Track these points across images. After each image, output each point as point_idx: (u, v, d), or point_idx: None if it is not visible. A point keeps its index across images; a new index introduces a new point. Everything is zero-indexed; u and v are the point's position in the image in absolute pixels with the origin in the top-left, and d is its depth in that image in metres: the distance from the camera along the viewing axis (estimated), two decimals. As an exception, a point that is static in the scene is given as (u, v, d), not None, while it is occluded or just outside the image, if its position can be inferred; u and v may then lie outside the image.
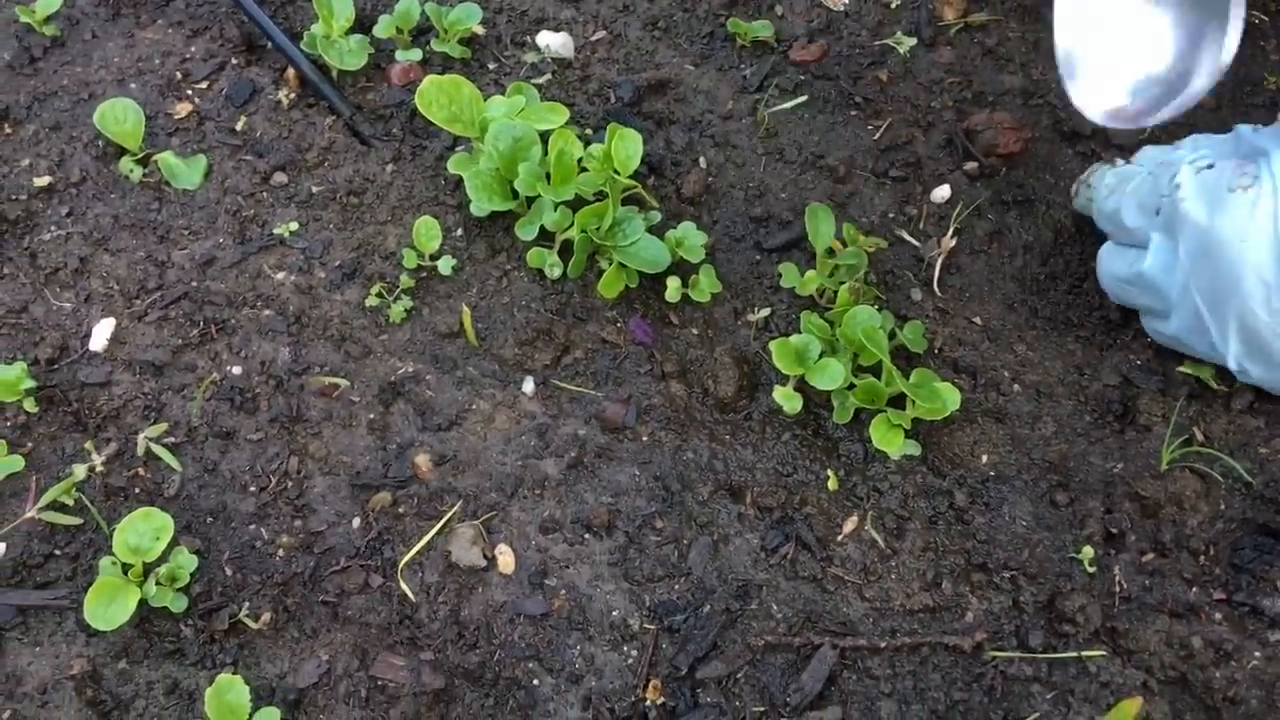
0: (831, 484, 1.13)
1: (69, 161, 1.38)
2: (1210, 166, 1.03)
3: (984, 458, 1.14)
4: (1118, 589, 1.05)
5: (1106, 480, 1.12)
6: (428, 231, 1.26)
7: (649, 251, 1.24)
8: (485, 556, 1.09)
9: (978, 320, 1.25)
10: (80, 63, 1.49)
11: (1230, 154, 1.05)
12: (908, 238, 1.31)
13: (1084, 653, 1.02)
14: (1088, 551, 1.07)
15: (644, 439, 1.17)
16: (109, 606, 1.02)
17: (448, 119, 1.31)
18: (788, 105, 1.44)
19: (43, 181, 1.36)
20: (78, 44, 1.52)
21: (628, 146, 1.29)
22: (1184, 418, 1.16)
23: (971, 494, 1.12)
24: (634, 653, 1.05)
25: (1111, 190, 1.17)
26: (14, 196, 1.34)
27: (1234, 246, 0.99)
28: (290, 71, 1.46)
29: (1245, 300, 0.99)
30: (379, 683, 1.03)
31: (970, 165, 1.37)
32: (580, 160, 1.29)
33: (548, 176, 1.26)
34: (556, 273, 1.26)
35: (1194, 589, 1.05)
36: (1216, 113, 1.45)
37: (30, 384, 1.17)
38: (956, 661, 1.03)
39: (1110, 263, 1.18)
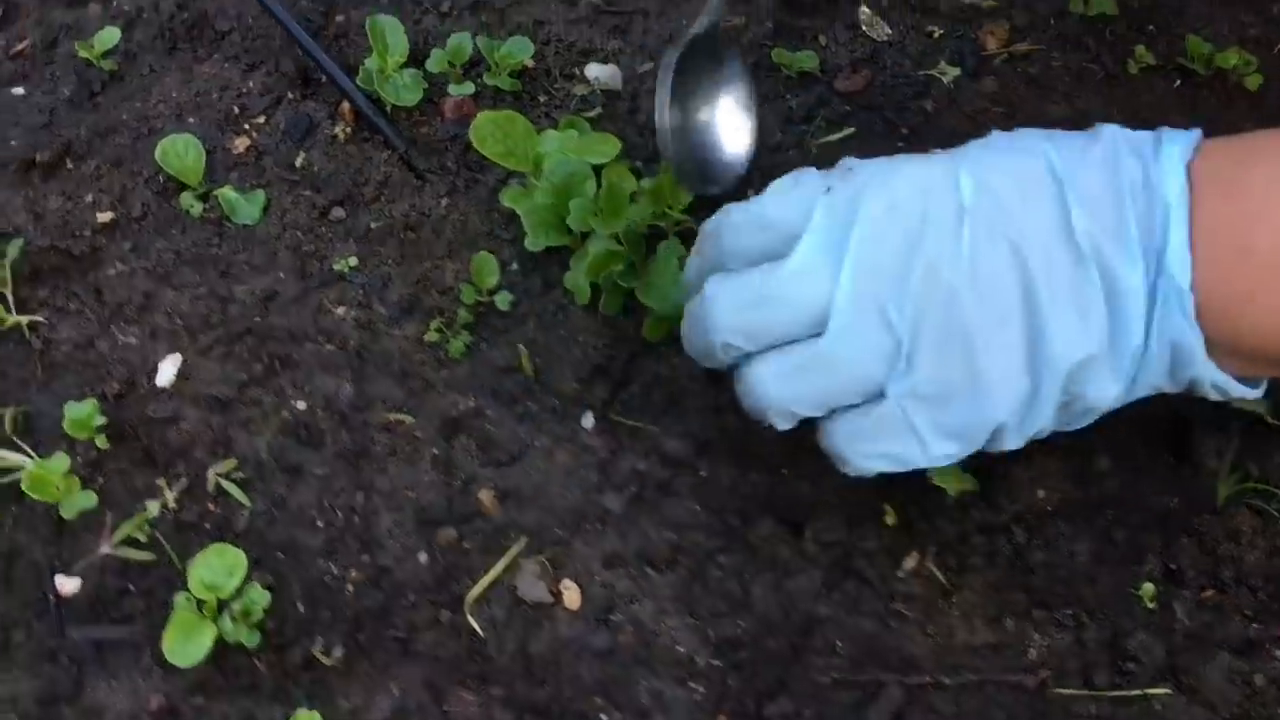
0: (890, 519, 1.15)
1: (130, 197, 1.41)
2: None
3: (1041, 493, 1.15)
4: (1179, 626, 1.07)
5: (1163, 516, 1.13)
6: (486, 268, 1.28)
7: (674, 293, 1.22)
8: (551, 592, 1.11)
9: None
10: (139, 97, 1.52)
11: None
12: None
13: (1149, 690, 1.03)
14: (1148, 588, 1.08)
15: (702, 473, 1.18)
16: (186, 643, 1.05)
17: (502, 154, 1.33)
18: (834, 137, 1.45)
19: (105, 218, 1.38)
20: (135, 79, 1.54)
21: (682, 181, 1.31)
22: (1238, 454, 1.16)
23: (1030, 530, 1.13)
24: (701, 688, 1.06)
25: (731, 209, 1.09)
26: (78, 233, 1.37)
27: (915, 201, 0.97)
28: (345, 106, 1.48)
29: (928, 260, 0.94)
30: (450, 717, 1.05)
31: (1020, 198, 1.38)
32: (633, 194, 1.30)
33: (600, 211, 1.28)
34: (585, 298, 1.27)
35: (1254, 625, 1.06)
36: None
37: (101, 420, 1.19)
38: (1020, 699, 1.05)
39: (727, 288, 1.02)
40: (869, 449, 0.97)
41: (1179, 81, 1.52)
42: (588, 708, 1.06)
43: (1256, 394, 0.99)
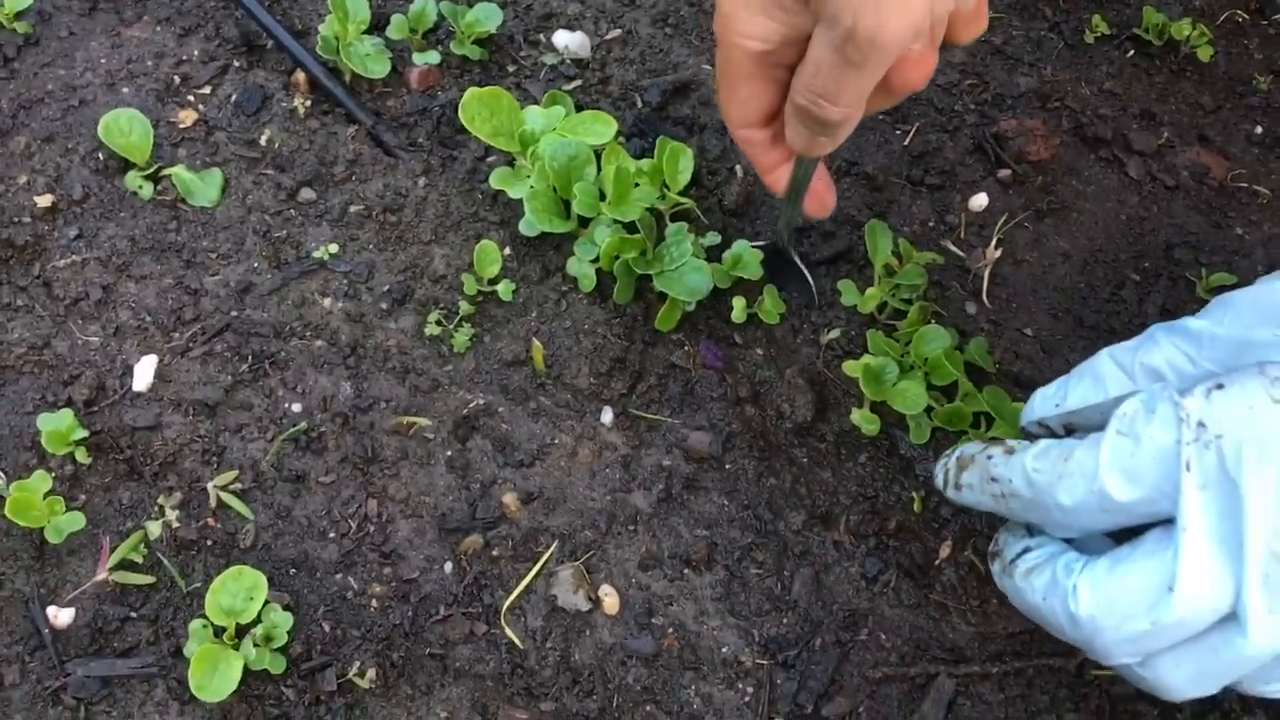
0: (916, 506, 1.15)
1: (67, 177, 1.29)
2: (1220, 386, 0.81)
3: (1057, 474, 1.17)
4: (1202, 602, 1.10)
5: (1174, 492, 1.17)
6: (488, 256, 1.22)
7: (691, 279, 1.20)
8: (590, 598, 1.07)
9: (1029, 331, 1.28)
10: (61, 64, 1.39)
11: (1213, 359, 0.86)
12: (954, 249, 1.33)
13: (1184, 668, 1.07)
14: (1170, 566, 1.11)
15: (727, 467, 1.16)
16: (214, 676, 0.98)
17: (492, 133, 1.26)
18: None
19: (45, 201, 1.26)
20: (54, 42, 1.41)
21: (679, 161, 1.27)
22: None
23: (1052, 512, 1.15)
24: (750, 689, 1.05)
25: (1058, 475, 0.86)
26: (17, 219, 1.25)
27: None
28: (300, 75, 1.38)
29: None
30: (504, 738, 1.01)
31: (1003, 172, 1.39)
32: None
33: (601, 194, 1.23)
34: (590, 286, 1.23)
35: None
36: (1217, 113, 1.50)
37: (82, 433, 1.10)
38: (1061, 682, 1.07)
39: (1107, 612, 0.83)
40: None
41: (1132, 51, 1.55)
42: (638, 716, 1.04)
43: None
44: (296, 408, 1.16)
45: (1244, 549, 0.77)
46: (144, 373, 1.16)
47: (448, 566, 1.09)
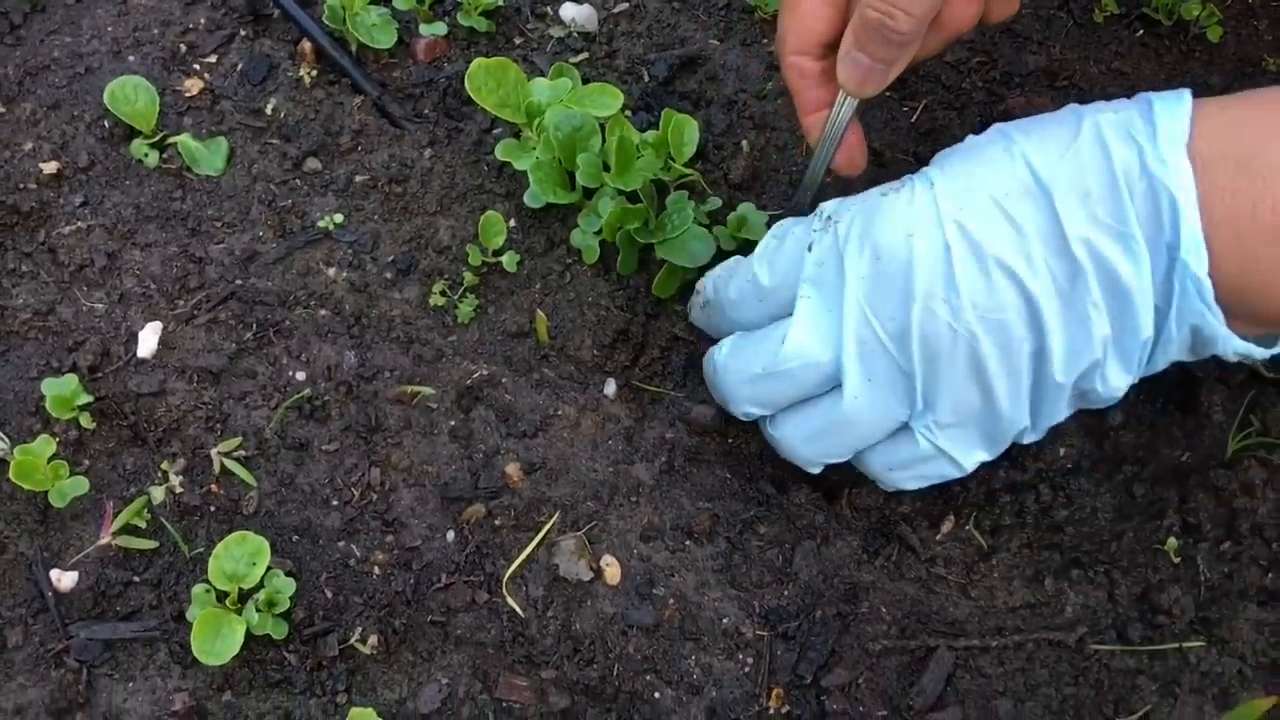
0: (918, 480, 1.15)
1: (73, 144, 1.29)
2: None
3: (1060, 450, 1.17)
4: (1202, 578, 1.10)
5: (1176, 469, 1.17)
6: (493, 227, 1.22)
7: (693, 246, 1.20)
8: (591, 568, 1.07)
9: (1033, 309, 1.28)
10: (68, 32, 1.38)
11: None
12: (960, 226, 1.32)
13: (1184, 644, 1.07)
14: (1171, 543, 1.12)
15: (729, 440, 1.17)
16: (216, 640, 0.98)
17: (498, 104, 1.26)
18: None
19: (50, 168, 1.26)
20: (60, 9, 1.41)
21: (684, 133, 1.27)
22: (1238, 404, 1.20)
23: (1054, 488, 1.15)
24: (750, 660, 1.06)
25: (730, 275, 1.11)
26: (22, 185, 1.25)
27: (899, 245, 0.93)
28: (305, 45, 1.38)
29: (925, 301, 0.92)
30: (504, 704, 1.02)
31: (1010, 150, 1.38)
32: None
33: (605, 165, 1.23)
34: (594, 257, 1.23)
35: (1269, 575, 1.11)
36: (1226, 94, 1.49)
37: (86, 398, 1.10)
38: (1061, 657, 1.07)
39: (736, 361, 1.06)
40: (906, 474, 1.04)
41: (1141, 31, 1.54)
42: (639, 685, 1.04)
43: (1277, 351, 0.98)
44: (300, 376, 1.16)
45: (844, 316, 0.94)
46: (148, 340, 1.16)
47: (450, 535, 1.09)
